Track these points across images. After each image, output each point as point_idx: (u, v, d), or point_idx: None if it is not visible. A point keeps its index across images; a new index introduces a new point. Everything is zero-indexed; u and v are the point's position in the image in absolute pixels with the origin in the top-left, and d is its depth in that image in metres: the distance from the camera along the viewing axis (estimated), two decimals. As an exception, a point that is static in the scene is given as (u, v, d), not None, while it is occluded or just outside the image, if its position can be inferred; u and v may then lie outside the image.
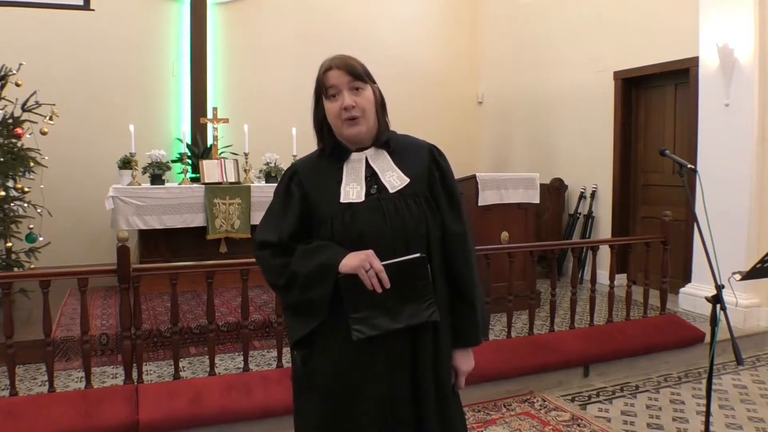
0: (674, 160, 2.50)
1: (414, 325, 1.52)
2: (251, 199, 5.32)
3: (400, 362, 1.55)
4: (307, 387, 1.59)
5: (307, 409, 1.61)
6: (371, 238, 1.51)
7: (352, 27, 7.24)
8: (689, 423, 3.23)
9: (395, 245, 1.52)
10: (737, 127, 4.59)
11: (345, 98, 1.54)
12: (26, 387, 3.45)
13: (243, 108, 6.64)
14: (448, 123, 8.01)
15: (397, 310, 1.50)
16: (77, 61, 6.23)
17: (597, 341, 3.96)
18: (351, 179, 1.58)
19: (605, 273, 4.37)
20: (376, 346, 1.51)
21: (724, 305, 2.25)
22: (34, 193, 4.94)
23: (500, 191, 5.09)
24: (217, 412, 2.92)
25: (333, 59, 1.58)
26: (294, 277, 1.53)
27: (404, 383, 1.55)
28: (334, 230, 1.54)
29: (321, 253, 1.51)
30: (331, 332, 1.53)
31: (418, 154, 1.66)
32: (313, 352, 1.57)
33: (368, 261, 1.46)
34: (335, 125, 1.58)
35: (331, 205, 1.55)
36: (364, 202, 1.55)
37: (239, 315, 3.70)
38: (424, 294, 1.53)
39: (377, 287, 1.47)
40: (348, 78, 1.55)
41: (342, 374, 1.54)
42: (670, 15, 5.42)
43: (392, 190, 1.57)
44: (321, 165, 1.62)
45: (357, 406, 1.54)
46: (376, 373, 1.53)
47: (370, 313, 1.49)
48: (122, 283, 3.06)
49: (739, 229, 4.54)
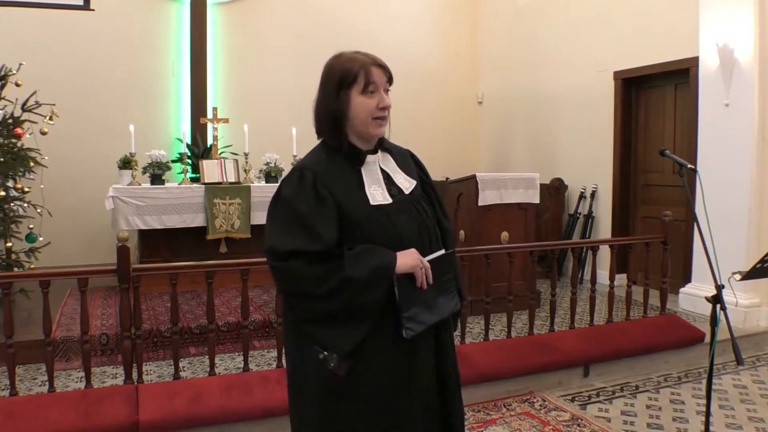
0: (674, 160, 2.50)
1: (446, 316, 1.63)
2: (251, 199, 5.31)
3: (430, 355, 1.63)
4: (345, 395, 1.53)
5: (342, 418, 1.55)
6: (408, 239, 1.56)
7: (352, 27, 7.25)
8: (689, 423, 3.23)
9: (423, 244, 1.59)
10: (737, 127, 4.59)
11: (384, 98, 1.58)
12: (26, 387, 3.45)
13: (243, 108, 6.64)
14: (448, 123, 8.01)
15: (434, 304, 1.58)
16: (77, 61, 6.23)
17: (597, 341, 3.96)
18: (371, 181, 1.60)
19: (605, 273, 4.37)
20: (418, 342, 1.56)
21: (724, 305, 2.25)
22: (34, 193, 4.94)
23: (500, 191, 5.09)
24: (217, 412, 2.92)
25: (369, 55, 1.61)
26: (348, 282, 1.46)
27: (432, 374, 1.64)
28: (372, 233, 1.53)
29: (372, 256, 1.49)
30: (378, 336, 1.52)
31: (405, 157, 1.74)
32: (359, 358, 1.51)
33: (420, 259, 1.53)
34: (362, 121, 1.57)
35: (361, 207, 1.54)
36: (393, 204, 1.59)
37: (239, 315, 3.70)
38: (450, 286, 1.65)
39: (424, 284, 1.54)
40: (385, 78, 1.60)
41: (392, 375, 1.55)
42: (670, 15, 5.42)
43: (406, 192, 1.64)
44: (337, 166, 1.58)
45: (402, 403, 1.56)
46: (418, 368, 1.59)
47: (416, 310, 1.53)
48: (122, 283, 3.06)
49: (739, 229, 4.54)
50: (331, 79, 1.57)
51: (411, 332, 1.51)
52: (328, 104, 1.57)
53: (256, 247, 5.26)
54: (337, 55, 1.61)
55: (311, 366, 1.54)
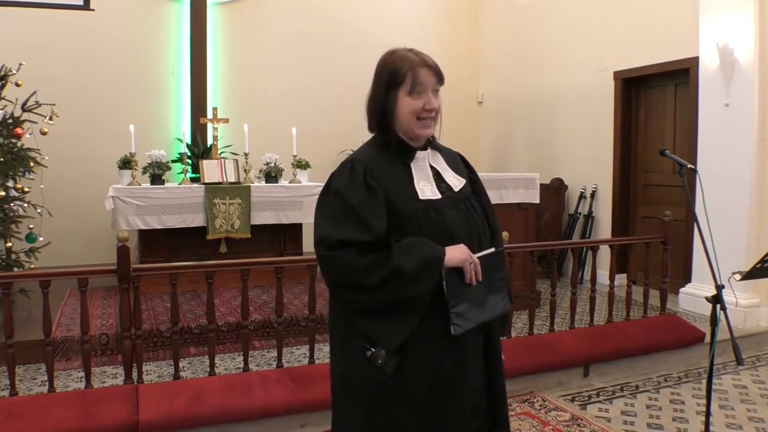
0: (674, 160, 2.50)
1: (497, 315, 1.62)
2: (251, 199, 5.31)
3: (478, 353, 1.61)
4: (393, 395, 1.50)
5: (390, 419, 1.52)
6: (458, 235, 1.55)
7: (352, 27, 7.25)
8: (689, 423, 3.23)
9: (472, 241, 1.58)
10: (737, 127, 4.59)
11: (432, 100, 1.57)
12: (26, 387, 3.45)
13: (243, 108, 6.64)
14: (448, 123, 7.83)
15: (484, 301, 1.56)
16: (77, 61, 6.23)
17: (597, 341, 3.96)
18: (420, 177, 1.60)
19: (605, 273, 4.37)
20: (466, 339, 1.55)
21: (724, 305, 2.25)
22: (34, 193, 4.94)
23: (500, 191, 5.10)
24: (217, 412, 2.92)
25: (420, 55, 1.59)
26: (396, 273, 1.43)
27: (481, 373, 1.62)
28: (422, 227, 1.52)
29: (422, 248, 1.48)
30: (426, 331, 1.50)
31: (454, 158, 1.75)
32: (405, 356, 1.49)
33: (469, 254, 1.50)
34: (407, 121, 1.57)
35: (410, 202, 1.54)
36: (443, 200, 1.58)
37: (239, 315, 3.70)
38: (501, 285, 1.63)
39: (474, 280, 1.51)
40: (435, 80, 1.58)
41: (439, 373, 1.52)
42: (670, 15, 5.42)
43: (456, 190, 1.64)
44: (386, 161, 1.58)
45: (451, 403, 1.55)
46: (467, 367, 1.57)
47: (466, 306, 1.51)
48: (122, 283, 3.06)
49: (739, 229, 4.54)
50: (381, 77, 1.58)
51: (459, 329, 1.48)
52: (377, 101, 1.59)
53: (256, 247, 5.27)
54: (390, 52, 1.60)
55: (359, 364, 1.53)
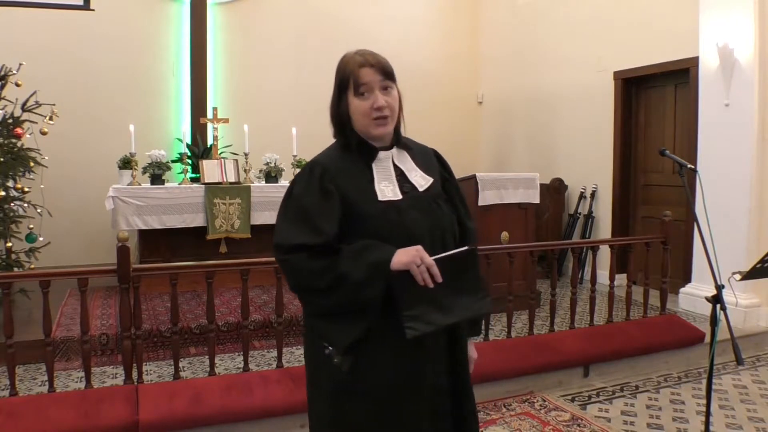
0: (674, 160, 2.50)
1: (467, 318, 1.57)
2: (251, 199, 5.31)
3: (441, 356, 1.59)
4: (354, 393, 1.53)
5: (353, 416, 1.54)
6: (418, 235, 1.52)
7: (352, 27, 7.24)
8: (689, 423, 3.23)
9: (434, 242, 1.55)
10: (737, 127, 4.59)
11: (378, 99, 1.53)
12: (26, 387, 3.45)
13: (243, 108, 6.64)
14: (448, 123, 8.01)
15: (449, 304, 1.51)
16: (77, 61, 6.23)
17: (597, 341, 3.96)
18: (382, 177, 1.57)
19: (605, 273, 4.37)
20: (424, 342, 1.51)
21: (724, 305, 2.25)
22: (34, 193, 4.94)
23: (500, 191, 5.09)
24: (217, 412, 2.92)
25: (365, 55, 1.56)
26: (343, 278, 1.46)
27: (444, 375, 1.60)
28: (379, 229, 1.51)
29: (370, 252, 1.47)
30: (380, 333, 1.50)
31: (427, 155, 1.71)
32: (361, 356, 1.51)
33: (419, 256, 1.45)
34: (362, 123, 1.56)
35: (369, 203, 1.53)
36: (404, 200, 1.55)
37: (239, 315, 3.70)
38: (476, 286, 1.56)
39: (429, 282, 1.46)
40: (380, 77, 1.54)
41: (394, 375, 1.52)
42: (670, 15, 5.42)
43: (421, 189, 1.60)
44: (348, 162, 1.57)
45: (409, 403, 1.54)
46: (426, 368, 1.56)
47: (423, 309, 1.47)
48: (122, 283, 3.06)
49: (739, 229, 4.54)
50: (335, 82, 1.59)
51: (414, 332, 1.45)
52: (333, 107, 1.60)
53: (256, 247, 5.27)
54: (341, 58, 1.60)
55: (322, 362, 1.56)
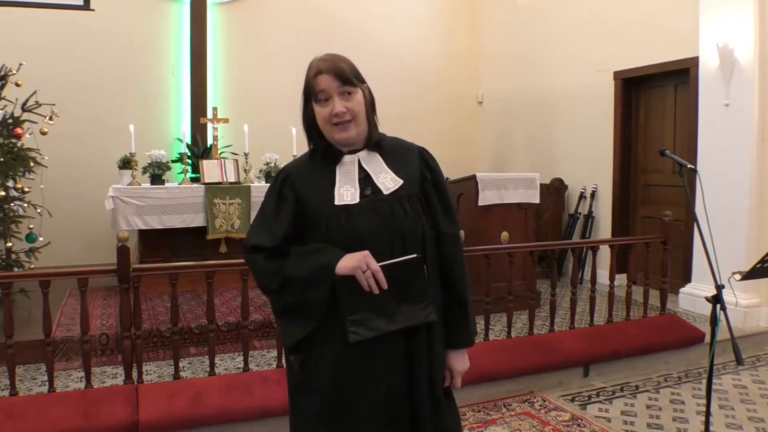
0: (674, 160, 2.50)
1: (410, 326, 1.52)
2: (251, 199, 5.31)
3: (396, 363, 1.55)
4: (305, 389, 1.58)
5: (304, 410, 1.60)
6: (368, 240, 1.50)
7: (352, 27, 7.24)
8: (689, 423, 3.23)
9: (393, 246, 1.52)
10: (737, 127, 4.59)
11: (336, 104, 1.53)
12: (26, 387, 3.45)
13: (243, 108, 6.64)
14: (448, 123, 8.01)
15: (393, 311, 1.50)
16: (77, 61, 6.23)
17: (597, 341, 3.96)
18: (345, 181, 1.57)
19: (605, 273, 4.37)
20: (373, 347, 1.50)
21: (724, 305, 2.25)
22: (34, 193, 4.94)
23: (500, 191, 5.09)
24: (217, 412, 2.92)
25: (322, 61, 1.56)
26: (289, 280, 1.51)
27: (401, 384, 1.55)
28: (330, 232, 1.52)
29: (317, 256, 1.50)
30: (327, 335, 1.52)
31: (408, 156, 1.66)
32: (310, 355, 1.55)
33: (365, 262, 1.45)
34: (325, 129, 1.57)
35: (325, 207, 1.54)
36: (360, 204, 1.54)
37: (239, 315, 3.70)
38: (421, 294, 1.53)
39: (374, 288, 1.46)
40: (337, 83, 1.53)
41: (341, 376, 1.53)
42: (670, 15, 5.42)
43: (386, 192, 1.57)
44: (313, 168, 1.61)
45: (356, 408, 1.54)
46: (375, 374, 1.53)
47: (367, 314, 1.48)
48: (122, 283, 3.06)
49: (739, 229, 4.54)
50: (304, 90, 1.60)
51: (356, 336, 1.46)
52: (302, 114, 1.62)
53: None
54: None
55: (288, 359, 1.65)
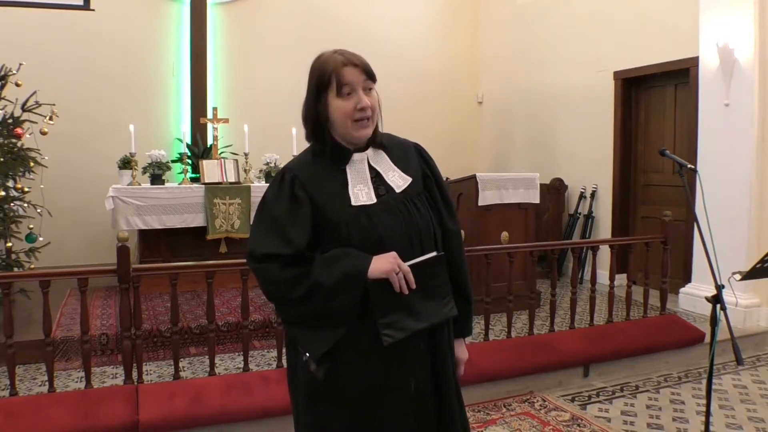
0: (674, 160, 2.50)
1: (436, 322, 1.54)
2: (251, 199, 5.31)
3: (423, 360, 1.56)
4: (329, 399, 1.52)
5: (328, 421, 1.53)
6: (391, 241, 1.49)
7: (352, 27, 7.24)
8: (689, 423, 3.23)
9: (413, 246, 1.52)
10: (737, 127, 4.59)
11: (362, 99, 1.49)
12: (26, 387, 3.45)
13: (243, 108, 6.64)
14: (448, 123, 8.01)
15: (419, 309, 1.50)
16: (77, 61, 6.23)
17: (597, 341, 3.96)
18: (357, 181, 1.53)
19: (605, 273, 4.37)
20: (403, 347, 1.50)
21: (724, 305, 2.25)
22: (34, 193, 4.94)
23: (500, 191, 5.09)
24: (217, 412, 2.92)
25: (345, 54, 1.51)
26: (316, 288, 1.44)
27: (427, 380, 1.57)
28: (351, 235, 1.48)
29: (344, 260, 1.45)
30: (356, 341, 1.48)
31: (407, 152, 1.65)
32: (337, 363, 1.49)
33: (396, 264, 1.45)
34: (342, 124, 1.51)
35: (342, 209, 1.49)
36: (377, 204, 1.52)
37: (239, 315, 3.70)
38: (443, 291, 1.56)
39: (405, 289, 1.46)
40: (364, 77, 1.50)
41: (370, 381, 1.50)
42: (670, 15, 5.42)
43: (398, 190, 1.56)
44: (320, 167, 1.54)
45: (387, 409, 1.52)
46: (404, 373, 1.53)
47: (397, 316, 1.47)
48: (122, 283, 3.06)
49: (739, 229, 4.54)
50: (311, 83, 1.54)
51: (390, 339, 1.45)
52: (309, 109, 1.55)
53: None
54: (317, 57, 1.55)
55: (300, 367, 1.55)
